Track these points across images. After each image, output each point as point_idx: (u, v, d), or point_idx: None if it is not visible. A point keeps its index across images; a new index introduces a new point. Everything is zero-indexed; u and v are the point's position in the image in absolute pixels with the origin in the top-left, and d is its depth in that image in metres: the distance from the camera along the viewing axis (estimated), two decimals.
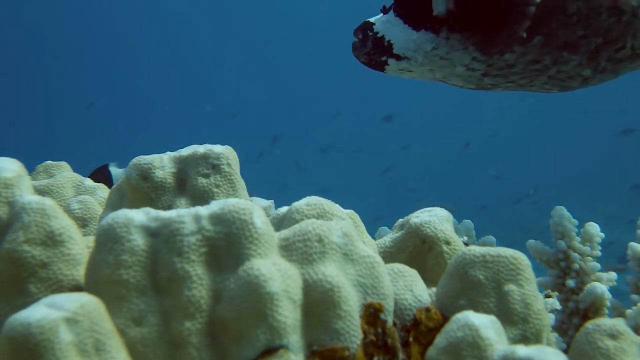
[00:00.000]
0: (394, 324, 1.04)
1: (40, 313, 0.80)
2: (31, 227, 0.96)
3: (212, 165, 1.23)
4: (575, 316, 1.40)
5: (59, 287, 0.96)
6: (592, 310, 1.38)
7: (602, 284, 1.40)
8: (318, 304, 0.94)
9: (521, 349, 0.88)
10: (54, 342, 0.79)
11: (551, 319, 1.43)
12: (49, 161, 1.68)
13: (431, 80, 1.78)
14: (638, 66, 1.63)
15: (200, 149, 1.24)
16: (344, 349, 0.94)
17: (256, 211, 0.97)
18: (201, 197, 1.21)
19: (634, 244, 1.49)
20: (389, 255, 1.30)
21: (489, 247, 1.11)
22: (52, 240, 0.97)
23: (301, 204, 1.20)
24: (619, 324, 1.03)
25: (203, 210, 0.96)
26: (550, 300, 1.61)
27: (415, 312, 1.07)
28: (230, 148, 1.26)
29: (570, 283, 1.43)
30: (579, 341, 1.05)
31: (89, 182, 1.59)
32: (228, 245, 0.94)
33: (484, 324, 0.94)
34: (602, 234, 1.48)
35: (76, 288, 0.97)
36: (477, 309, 1.05)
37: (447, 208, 1.49)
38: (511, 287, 1.06)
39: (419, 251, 1.28)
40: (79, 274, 0.98)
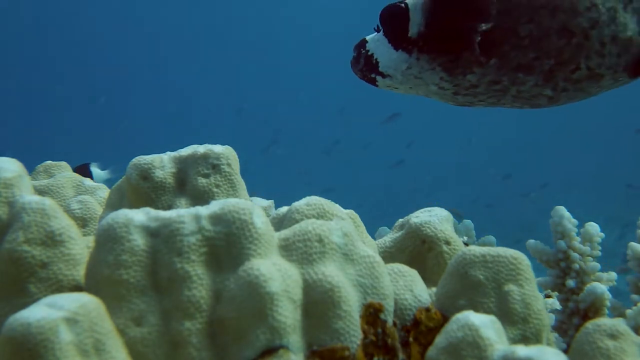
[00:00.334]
0: (394, 324, 1.04)
1: (40, 313, 0.80)
2: (31, 227, 0.96)
3: (212, 165, 1.23)
4: (575, 316, 1.40)
5: (59, 287, 0.96)
6: (592, 310, 1.38)
7: (602, 284, 1.40)
8: (318, 304, 0.94)
9: (521, 349, 0.88)
10: (54, 342, 0.79)
11: (551, 319, 1.42)
12: (49, 161, 1.68)
13: (416, 95, 1.84)
14: (611, 85, 1.65)
15: (200, 149, 1.24)
16: (344, 349, 0.94)
17: (256, 211, 0.97)
18: (201, 197, 1.21)
19: (634, 244, 1.49)
20: (389, 255, 1.30)
21: (489, 247, 1.11)
22: (52, 240, 0.97)
23: (301, 204, 1.20)
24: (619, 324, 1.03)
25: (203, 210, 0.96)
26: (550, 300, 1.61)
27: (415, 312, 1.07)
28: (230, 148, 1.26)
29: (570, 283, 1.43)
30: (579, 341, 1.05)
31: (89, 182, 1.60)
32: (228, 245, 0.94)
33: (484, 324, 0.94)
34: (602, 234, 1.48)
35: (76, 288, 0.97)
36: (477, 309, 1.05)
37: (454, 212, 1.50)
38: (511, 287, 1.06)
39: (419, 251, 1.28)
40: (79, 274, 0.98)
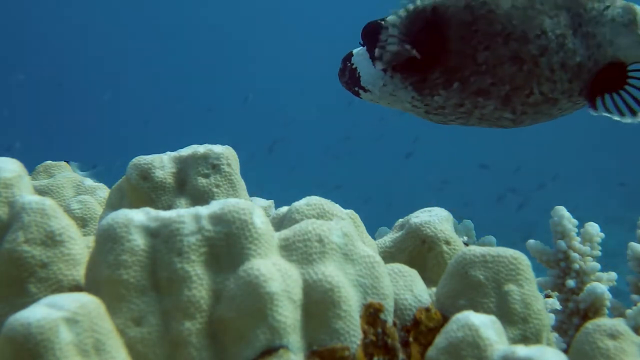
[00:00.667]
0: (394, 324, 1.04)
1: (41, 313, 0.80)
2: (31, 227, 0.96)
3: (212, 165, 1.23)
4: (575, 316, 1.40)
5: (59, 287, 0.96)
6: (592, 310, 1.38)
7: (602, 284, 1.40)
8: (318, 304, 0.94)
9: (521, 349, 0.88)
10: (54, 342, 0.79)
11: (551, 319, 1.42)
12: (49, 161, 1.68)
13: (399, 109, 1.90)
14: (571, 107, 1.72)
15: (201, 149, 1.24)
16: (344, 349, 0.94)
17: (256, 211, 0.97)
18: (201, 197, 1.21)
19: (634, 244, 1.49)
20: (389, 255, 1.30)
21: (489, 247, 1.11)
22: (52, 240, 0.97)
23: (301, 204, 1.20)
24: (619, 324, 1.03)
25: (203, 210, 0.96)
26: (550, 300, 1.61)
27: (415, 312, 1.07)
28: (230, 148, 1.26)
29: (570, 283, 1.43)
30: (579, 341, 1.05)
31: (89, 182, 1.60)
32: (228, 245, 0.94)
33: (484, 324, 0.94)
34: (602, 234, 1.48)
35: (76, 288, 0.97)
36: (477, 309, 1.05)
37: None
38: (511, 287, 1.06)
39: (419, 251, 1.28)
40: (79, 274, 0.98)
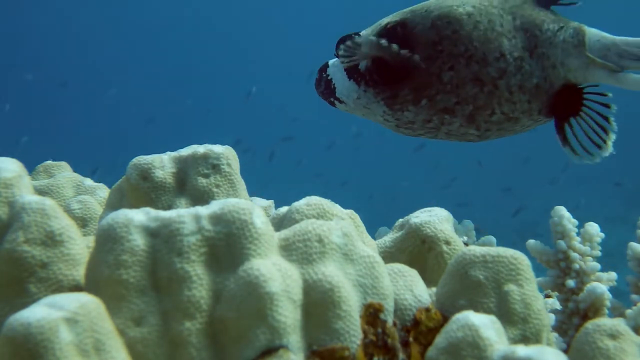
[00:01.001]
0: (394, 324, 1.04)
1: (41, 313, 0.80)
2: (31, 227, 0.96)
3: (212, 165, 1.23)
4: (575, 316, 1.40)
5: (59, 287, 0.96)
6: (592, 310, 1.38)
7: (602, 284, 1.40)
8: (318, 304, 0.94)
9: (521, 349, 0.88)
10: (54, 342, 0.79)
11: (551, 319, 1.42)
12: (49, 161, 1.68)
13: (373, 121, 1.96)
14: (533, 124, 1.78)
15: (200, 149, 1.24)
16: (344, 349, 0.94)
17: (256, 211, 0.97)
18: (201, 197, 1.21)
19: (634, 244, 1.49)
20: (389, 255, 1.30)
21: (488, 247, 1.11)
22: (52, 240, 0.97)
23: (301, 204, 1.20)
24: (619, 324, 1.03)
25: (203, 210, 0.96)
26: (550, 300, 1.61)
27: (415, 312, 1.07)
28: (230, 148, 1.26)
29: (570, 283, 1.43)
30: (579, 341, 1.05)
31: (89, 182, 1.60)
32: (228, 245, 0.94)
33: (484, 324, 0.94)
34: (602, 234, 1.48)
35: (76, 288, 0.97)
36: (477, 309, 1.05)
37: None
38: (511, 287, 1.06)
39: (419, 251, 1.28)
40: (79, 274, 0.98)
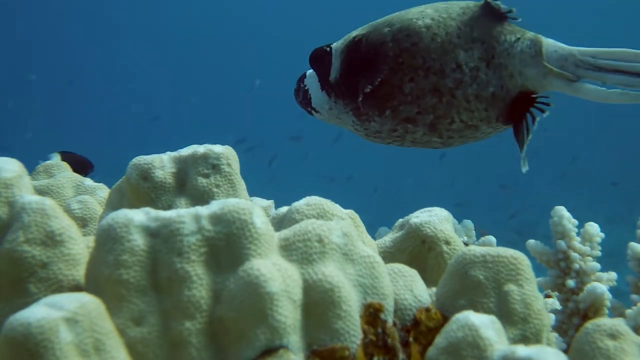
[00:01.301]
0: (394, 324, 1.04)
1: (41, 313, 0.80)
2: (31, 227, 0.96)
3: (212, 165, 1.23)
4: (575, 316, 1.40)
5: (59, 287, 0.96)
6: (592, 310, 1.38)
7: (602, 284, 1.40)
8: (318, 304, 0.94)
9: (521, 349, 0.88)
10: (54, 342, 0.79)
11: (551, 319, 1.42)
12: (49, 161, 1.68)
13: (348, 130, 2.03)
14: (493, 131, 1.83)
15: (200, 149, 1.24)
16: (344, 349, 0.94)
17: (256, 211, 0.97)
18: (201, 197, 1.21)
19: (634, 244, 1.49)
20: (389, 255, 1.30)
21: (488, 247, 1.11)
22: (52, 240, 0.97)
23: (301, 203, 1.20)
24: (619, 324, 1.03)
25: (203, 210, 0.96)
26: (550, 300, 1.61)
27: (415, 312, 1.07)
28: (230, 148, 1.26)
29: (570, 283, 1.43)
30: (579, 341, 1.05)
31: (89, 182, 1.60)
32: (228, 245, 0.94)
33: (484, 324, 0.94)
34: (602, 234, 1.48)
35: (76, 288, 0.97)
36: (477, 309, 1.05)
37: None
38: (511, 287, 1.06)
39: (419, 251, 1.28)
40: (79, 274, 0.98)
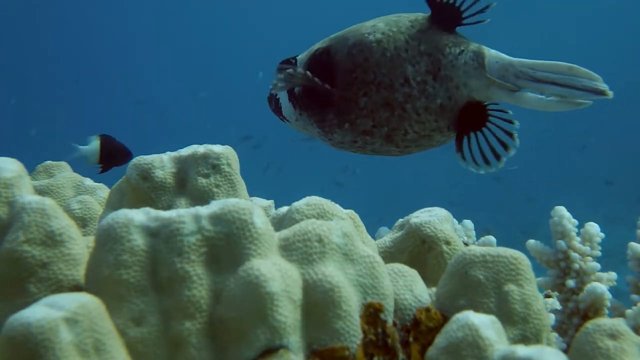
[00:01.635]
0: (394, 324, 1.04)
1: (41, 313, 0.80)
2: (31, 227, 0.96)
3: (212, 165, 1.23)
4: (575, 316, 1.40)
5: (59, 287, 0.96)
6: (592, 310, 1.38)
7: (602, 284, 1.40)
8: (318, 304, 0.94)
9: (521, 349, 0.88)
10: (54, 342, 0.79)
11: (551, 319, 1.42)
12: (49, 161, 1.68)
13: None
14: (446, 139, 1.88)
15: (200, 149, 1.24)
16: (344, 349, 0.94)
17: (256, 211, 0.97)
18: (201, 197, 1.21)
19: (634, 244, 1.49)
20: (389, 255, 1.30)
21: (488, 247, 1.11)
22: (52, 240, 0.97)
23: (301, 204, 1.20)
24: (619, 324, 1.03)
25: (203, 210, 0.96)
26: (550, 300, 1.61)
27: (415, 312, 1.07)
28: (230, 148, 1.26)
29: (570, 283, 1.43)
30: (579, 341, 1.05)
31: (88, 182, 1.60)
32: (228, 245, 0.94)
33: (484, 324, 0.94)
34: (602, 234, 1.48)
35: (76, 288, 0.97)
36: (477, 309, 1.05)
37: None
38: (511, 287, 1.06)
39: (419, 251, 1.28)
40: (79, 274, 0.98)
